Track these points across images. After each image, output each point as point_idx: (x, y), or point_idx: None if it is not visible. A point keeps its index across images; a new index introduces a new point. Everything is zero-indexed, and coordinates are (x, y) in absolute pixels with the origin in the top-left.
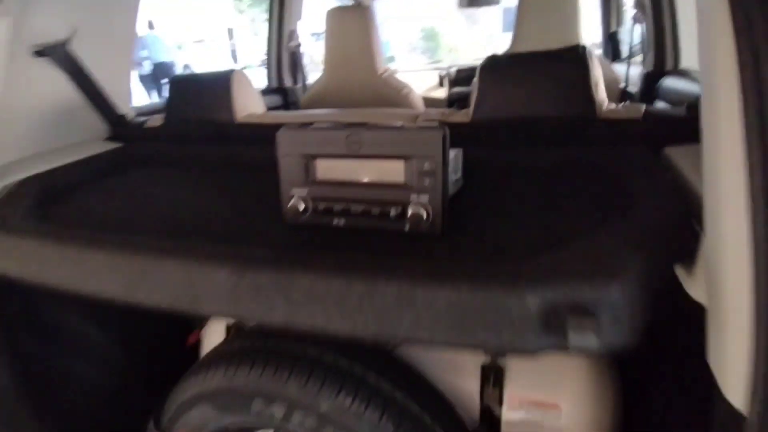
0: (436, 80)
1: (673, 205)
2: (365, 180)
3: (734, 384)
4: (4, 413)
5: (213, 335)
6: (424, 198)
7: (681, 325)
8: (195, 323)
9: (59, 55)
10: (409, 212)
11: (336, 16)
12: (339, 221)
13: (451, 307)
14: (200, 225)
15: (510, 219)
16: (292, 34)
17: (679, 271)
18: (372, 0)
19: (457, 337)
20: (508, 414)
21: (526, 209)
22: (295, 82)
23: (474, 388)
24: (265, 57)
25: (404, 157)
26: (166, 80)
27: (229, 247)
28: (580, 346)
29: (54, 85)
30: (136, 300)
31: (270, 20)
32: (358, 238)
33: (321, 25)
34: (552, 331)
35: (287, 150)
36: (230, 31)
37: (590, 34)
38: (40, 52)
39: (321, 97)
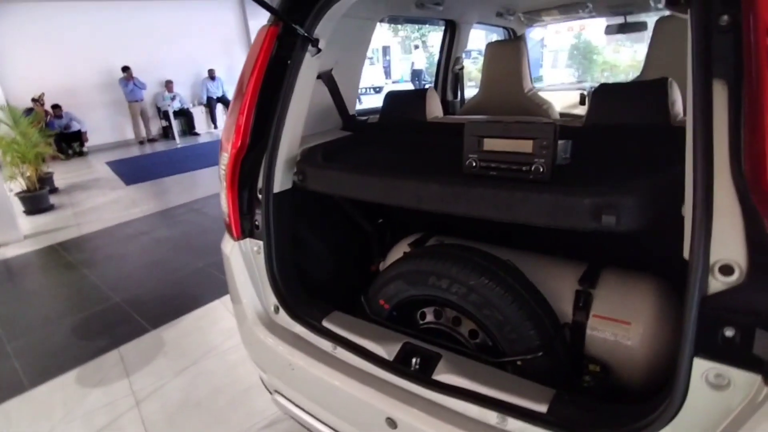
0: (578, 99)
1: (676, 173)
2: (510, 150)
3: None
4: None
5: (396, 254)
6: (541, 161)
7: None
8: (376, 259)
9: (327, 78)
10: (532, 168)
11: (494, 48)
12: (493, 172)
13: (547, 204)
14: (414, 169)
15: (589, 174)
16: (458, 60)
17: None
18: (526, 30)
19: (550, 220)
20: (592, 322)
21: (600, 170)
22: (454, 96)
23: (568, 300)
24: (412, 72)
25: (532, 138)
26: None
27: (436, 176)
28: (606, 224)
29: (322, 96)
30: (389, 202)
31: (441, 49)
32: (504, 180)
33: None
34: (596, 217)
35: (470, 132)
36: (385, 49)
37: None
38: (319, 76)
39: (476, 109)
